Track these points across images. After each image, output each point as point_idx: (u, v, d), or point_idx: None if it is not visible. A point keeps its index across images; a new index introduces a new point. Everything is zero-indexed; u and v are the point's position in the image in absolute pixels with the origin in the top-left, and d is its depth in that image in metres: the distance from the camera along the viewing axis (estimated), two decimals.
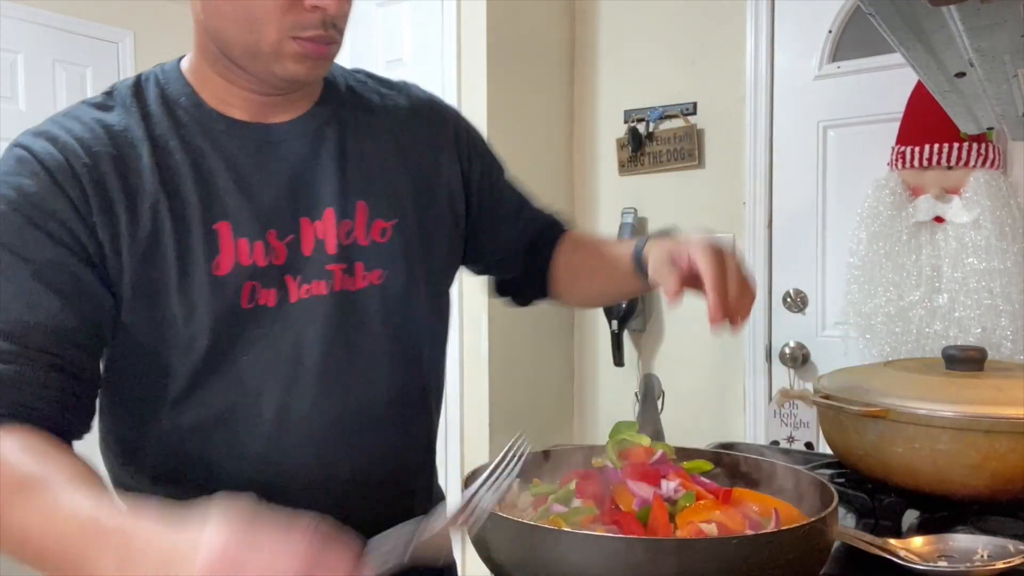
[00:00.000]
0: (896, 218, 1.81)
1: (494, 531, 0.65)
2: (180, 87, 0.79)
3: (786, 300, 2.19)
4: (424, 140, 0.90)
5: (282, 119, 0.80)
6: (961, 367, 0.99)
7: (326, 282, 0.78)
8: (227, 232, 0.74)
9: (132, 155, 0.74)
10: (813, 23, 2.12)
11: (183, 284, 0.72)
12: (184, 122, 0.77)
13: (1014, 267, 1.67)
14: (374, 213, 0.82)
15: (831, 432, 1.03)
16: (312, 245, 0.78)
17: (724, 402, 2.27)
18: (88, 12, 3.34)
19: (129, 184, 0.72)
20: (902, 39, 0.81)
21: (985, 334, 1.67)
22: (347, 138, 0.83)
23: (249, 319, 0.75)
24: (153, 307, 0.72)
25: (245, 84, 0.78)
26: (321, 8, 0.71)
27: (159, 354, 0.73)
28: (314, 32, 0.72)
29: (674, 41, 2.32)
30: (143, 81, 0.80)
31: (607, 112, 2.47)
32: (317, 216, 0.78)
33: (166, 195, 0.73)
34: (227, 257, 0.74)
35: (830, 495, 0.69)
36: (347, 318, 0.79)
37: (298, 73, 0.74)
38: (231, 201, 0.75)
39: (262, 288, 0.75)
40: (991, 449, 0.86)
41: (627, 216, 2.36)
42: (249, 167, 0.77)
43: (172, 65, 0.82)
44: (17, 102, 3.13)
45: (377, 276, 0.81)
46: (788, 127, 2.17)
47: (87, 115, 0.75)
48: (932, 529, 0.85)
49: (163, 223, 0.72)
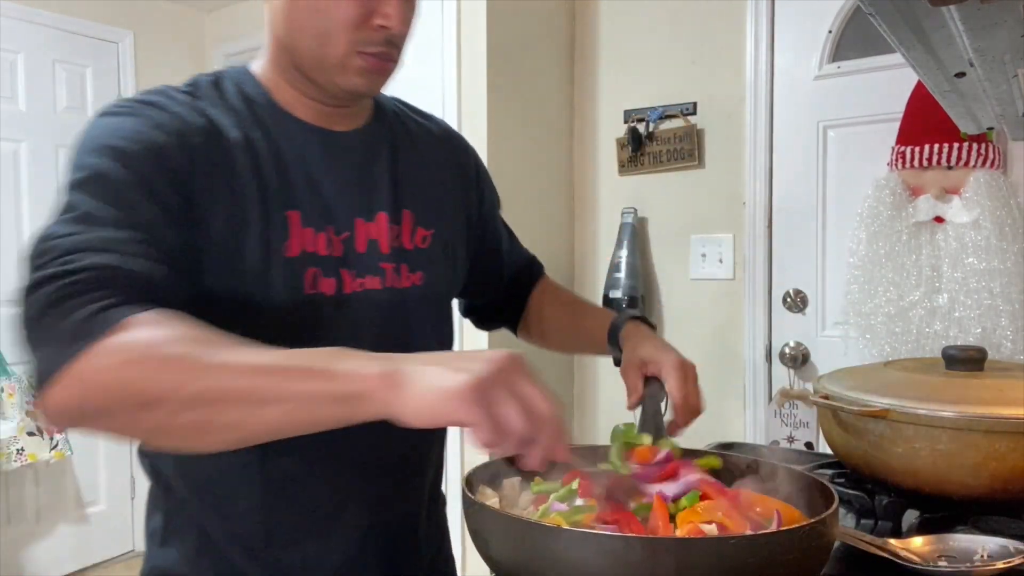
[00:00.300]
0: (896, 218, 1.81)
1: (494, 528, 0.65)
2: (255, 87, 0.86)
3: (786, 300, 2.19)
4: (451, 166, 1.01)
5: (344, 129, 0.89)
6: (961, 367, 0.99)
7: (380, 278, 0.87)
8: (296, 220, 0.81)
9: (225, 137, 0.80)
10: (813, 23, 2.12)
11: (263, 261, 0.79)
12: (263, 119, 0.84)
13: (1014, 267, 1.67)
14: (417, 221, 0.92)
15: (831, 432, 1.03)
16: (366, 244, 0.86)
17: (724, 402, 2.27)
18: (88, 12, 3.34)
19: (225, 161, 0.79)
20: (902, 39, 0.81)
21: (985, 334, 1.67)
22: (397, 154, 0.93)
23: (311, 305, 0.81)
24: (233, 277, 0.78)
25: (311, 93, 0.85)
26: (386, 27, 0.79)
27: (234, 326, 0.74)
28: (377, 48, 0.80)
29: (674, 41, 2.33)
30: (220, 78, 0.87)
31: (607, 112, 2.47)
32: (370, 218, 0.87)
33: (255, 181, 0.80)
34: (295, 241, 0.81)
35: (831, 496, 0.69)
36: (395, 313, 0.88)
37: (359, 86, 0.82)
38: (301, 193, 0.82)
39: (323, 276, 0.82)
40: (991, 449, 0.86)
41: (627, 216, 2.36)
42: (316, 165, 0.85)
43: (242, 68, 0.89)
44: (17, 102, 3.13)
45: (419, 278, 0.91)
46: (788, 127, 2.17)
47: (181, 97, 0.81)
48: (932, 529, 0.85)
49: (251, 202, 0.79)
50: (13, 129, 3.11)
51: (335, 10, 0.78)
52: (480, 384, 0.56)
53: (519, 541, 0.63)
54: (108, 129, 0.75)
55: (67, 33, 3.27)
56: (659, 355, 0.95)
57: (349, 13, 0.78)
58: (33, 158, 3.17)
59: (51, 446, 3.00)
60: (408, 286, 0.89)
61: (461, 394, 0.55)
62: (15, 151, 3.13)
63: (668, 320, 2.37)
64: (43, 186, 3.21)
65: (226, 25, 3.73)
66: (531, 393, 0.58)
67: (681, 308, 2.35)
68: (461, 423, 0.56)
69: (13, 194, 3.13)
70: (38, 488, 3.18)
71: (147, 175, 0.72)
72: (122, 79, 3.45)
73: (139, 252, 0.67)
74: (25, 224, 3.15)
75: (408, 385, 0.57)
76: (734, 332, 2.26)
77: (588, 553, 0.59)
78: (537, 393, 0.58)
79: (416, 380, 0.57)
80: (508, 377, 0.58)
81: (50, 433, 3.01)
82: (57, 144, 3.25)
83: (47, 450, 2.99)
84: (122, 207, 0.69)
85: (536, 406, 0.58)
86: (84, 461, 3.33)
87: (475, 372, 0.56)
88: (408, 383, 0.57)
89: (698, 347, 2.31)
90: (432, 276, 0.92)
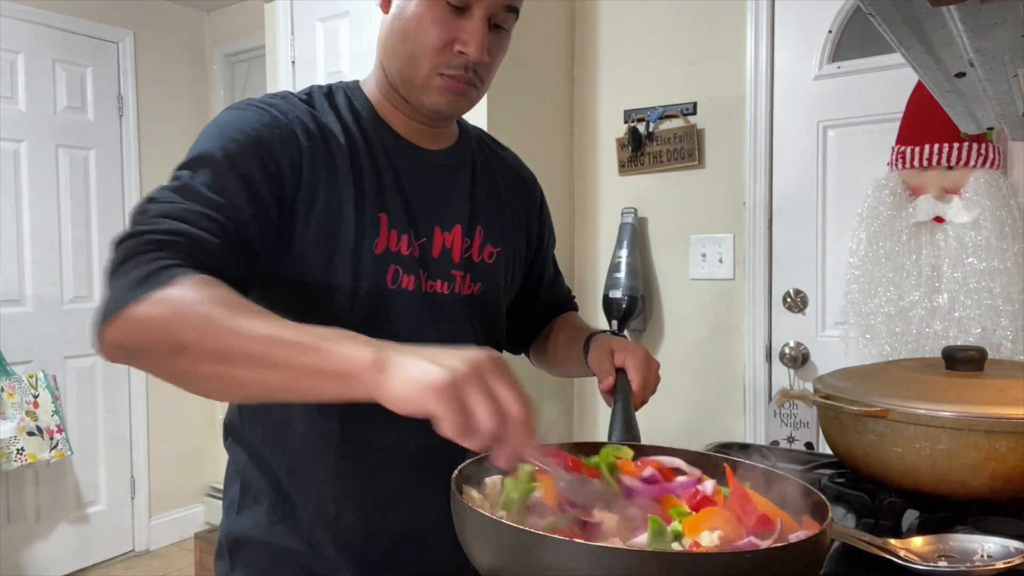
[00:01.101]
0: (896, 218, 1.81)
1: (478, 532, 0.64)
2: (363, 101, 0.97)
3: (786, 300, 2.19)
4: (521, 196, 1.12)
5: (434, 147, 1.00)
6: (961, 367, 0.99)
7: (449, 283, 0.97)
8: (385, 221, 0.91)
9: (332, 141, 0.91)
10: (813, 23, 2.12)
11: (355, 253, 0.89)
12: (366, 129, 0.95)
13: (1014, 267, 1.67)
14: (487, 239, 1.02)
15: (831, 432, 1.03)
16: (439, 250, 0.97)
17: (724, 402, 2.27)
18: (88, 12, 3.34)
19: (329, 165, 0.89)
20: (902, 39, 0.81)
21: (985, 334, 1.67)
22: (476, 175, 1.04)
23: (392, 298, 0.91)
24: (325, 268, 0.88)
25: (404, 110, 0.96)
26: (464, 53, 0.89)
27: (318, 310, 0.85)
28: (456, 72, 0.90)
29: (674, 41, 2.32)
30: (333, 90, 0.98)
31: (607, 112, 2.47)
32: (447, 229, 0.98)
33: (353, 181, 0.90)
34: (383, 240, 0.91)
35: (824, 509, 0.67)
36: (459, 315, 0.98)
37: (439, 104, 0.92)
38: (391, 199, 0.93)
39: (404, 274, 0.92)
40: (991, 449, 0.86)
41: (627, 216, 2.36)
42: (407, 176, 0.95)
43: (353, 84, 1.00)
44: (17, 102, 3.13)
45: (478, 288, 1.01)
46: (788, 127, 2.17)
47: (299, 103, 0.92)
48: (932, 529, 0.85)
49: (347, 203, 0.89)
50: (13, 129, 3.11)
51: (422, 36, 0.89)
52: (454, 381, 0.60)
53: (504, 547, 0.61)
54: (226, 121, 0.86)
55: (67, 33, 3.27)
56: (627, 346, 1.02)
57: (433, 39, 0.88)
58: (33, 158, 3.17)
59: (51, 446, 3.01)
60: (469, 294, 0.99)
61: (436, 388, 0.60)
62: (15, 151, 3.13)
63: (668, 320, 2.37)
64: (43, 186, 3.21)
65: (226, 25, 3.73)
66: (504, 393, 0.62)
67: (681, 308, 2.35)
68: (433, 415, 0.60)
69: (13, 194, 3.13)
70: (38, 488, 3.18)
71: (246, 165, 0.82)
72: (122, 79, 3.45)
73: (208, 226, 0.77)
74: (25, 224, 3.16)
75: (393, 373, 0.62)
76: (734, 332, 2.26)
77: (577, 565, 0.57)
78: (510, 394, 0.62)
79: (400, 369, 0.62)
80: (484, 376, 0.62)
81: (50, 433, 3.01)
82: (57, 144, 3.25)
83: (47, 450, 2.99)
84: (212, 187, 0.79)
85: (507, 406, 0.61)
86: (84, 461, 3.34)
87: (452, 368, 0.61)
88: (393, 371, 0.62)
89: (698, 347, 2.31)
90: (491, 288, 1.03)
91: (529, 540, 0.59)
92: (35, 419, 2.97)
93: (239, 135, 0.84)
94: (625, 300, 2.28)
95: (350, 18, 2.37)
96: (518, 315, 1.19)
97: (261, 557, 0.94)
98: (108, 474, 3.44)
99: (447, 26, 0.88)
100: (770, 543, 0.62)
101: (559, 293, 1.26)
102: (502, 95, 2.23)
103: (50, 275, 3.24)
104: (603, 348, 1.03)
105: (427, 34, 0.88)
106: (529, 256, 1.15)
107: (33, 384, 3.00)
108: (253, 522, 0.94)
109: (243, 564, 0.95)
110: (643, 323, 2.39)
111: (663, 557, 0.58)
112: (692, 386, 2.30)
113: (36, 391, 3.00)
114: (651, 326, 2.39)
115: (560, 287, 1.27)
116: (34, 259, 3.18)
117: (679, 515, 0.67)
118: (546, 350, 1.20)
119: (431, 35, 0.88)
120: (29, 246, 3.17)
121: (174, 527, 3.65)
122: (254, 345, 0.66)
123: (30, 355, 3.14)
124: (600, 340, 1.06)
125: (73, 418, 3.26)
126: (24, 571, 3.14)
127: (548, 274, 1.23)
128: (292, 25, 2.53)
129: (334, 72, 2.41)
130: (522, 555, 0.59)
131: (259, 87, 3.52)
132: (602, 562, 0.56)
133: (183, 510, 3.73)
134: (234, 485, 0.98)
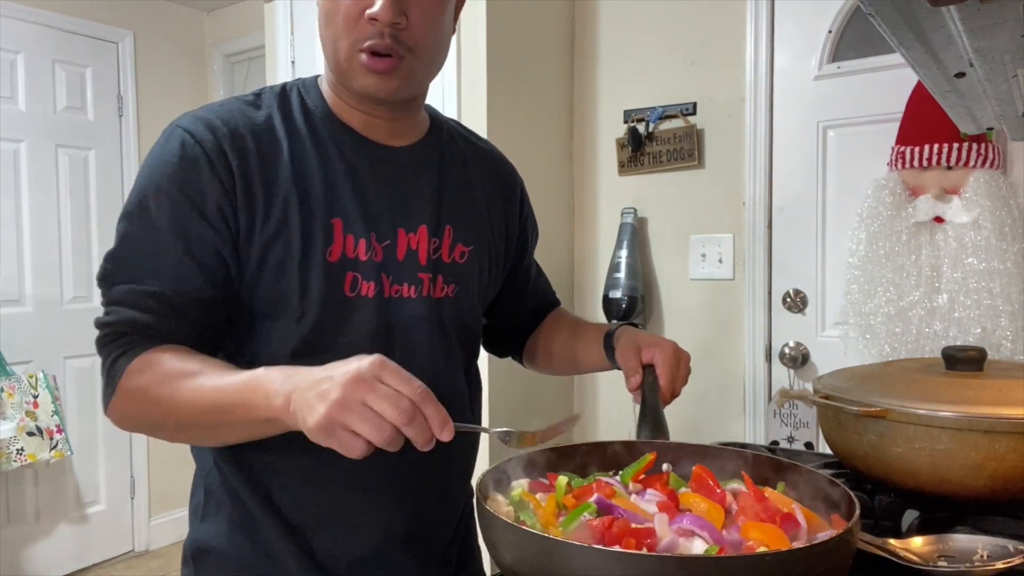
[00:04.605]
0: (896, 218, 1.81)
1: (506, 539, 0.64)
2: (317, 99, 0.92)
3: (786, 300, 2.19)
4: (499, 190, 1.06)
5: (396, 143, 0.94)
6: (961, 367, 0.99)
7: (416, 286, 0.91)
8: (340, 227, 0.86)
9: (274, 151, 0.86)
10: (813, 23, 2.12)
11: (303, 264, 0.84)
12: (318, 129, 0.89)
13: (1014, 267, 1.67)
14: (457, 237, 0.96)
15: (831, 432, 1.03)
16: (405, 252, 0.91)
17: (724, 402, 2.27)
18: (88, 12, 3.34)
19: (268, 176, 0.85)
20: (902, 39, 0.81)
21: (985, 334, 1.67)
22: (444, 171, 0.98)
23: (350, 305, 0.87)
24: (275, 281, 0.84)
25: (354, 104, 0.90)
26: (375, 19, 0.81)
27: (273, 323, 0.86)
28: (371, 42, 0.82)
29: (674, 41, 2.32)
30: (287, 89, 0.93)
31: (607, 112, 2.47)
32: (412, 230, 0.92)
33: (296, 189, 0.85)
34: (338, 247, 0.86)
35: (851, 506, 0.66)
36: (429, 320, 0.92)
37: (368, 86, 0.85)
38: (346, 202, 0.87)
39: (363, 280, 0.87)
40: (991, 449, 0.86)
41: (627, 216, 2.36)
42: (364, 177, 0.90)
43: (311, 80, 0.95)
44: (17, 102, 3.13)
45: (452, 290, 0.95)
46: (788, 127, 2.17)
47: (240, 110, 0.87)
48: (932, 529, 0.85)
49: (292, 212, 0.84)
50: (13, 129, 3.11)
51: (337, 12, 0.83)
52: (330, 419, 0.64)
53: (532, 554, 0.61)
54: (160, 160, 0.84)
55: (67, 33, 3.27)
56: (654, 341, 1.00)
57: (346, 11, 0.82)
58: (33, 158, 3.17)
59: (51, 446, 3.00)
60: (442, 297, 0.94)
61: (315, 433, 0.66)
62: (15, 151, 3.13)
63: (668, 320, 2.37)
64: (43, 186, 3.21)
65: (226, 25, 3.73)
66: (394, 384, 0.65)
67: (681, 308, 2.35)
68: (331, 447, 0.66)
69: (13, 194, 3.13)
70: (38, 488, 3.18)
71: (180, 217, 0.82)
72: (122, 79, 3.45)
73: (151, 307, 0.81)
74: (25, 224, 3.16)
75: (297, 416, 0.68)
76: (734, 332, 2.26)
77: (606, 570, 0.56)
78: (400, 382, 0.65)
79: (298, 411, 0.67)
80: (366, 387, 0.65)
81: (49, 433, 3.01)
82: (57, 144, 3.25)
83: (47, 450, 2.99)
84: (154, 254, 0.82)
85: (401, 399, 0.65)
86: (84, 461, 3.33)
87: (330, 400, 0.65)
88: (297, 412, 0.68)
89: (698, 347, 2.31)
90: (465, 290, 0.97)
91: (551, 546, 0.59)
92: (35, 419, 2.97)
93: (165, 180, 0.83)
94: (625, 300, 2.28)
95: None
96: (503, 317, 1.16)
97: (223, 566, 0.91)
98: (108, 474, 3.44)
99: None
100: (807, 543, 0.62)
101: (544, 291, 1.22)
102: (502, 95, 2.23)
103: (50, 275, 3.24)
104: (630, 345, 1.00)
105: (339, 9, 0.83)
106: (510, 254, 1.10)
107: (33, 384, 3.00)
108: (215, 530, 0.92)
109: (206, 573, 0.92)
110: (643, 323, 2.39)
111: (683, 561, 0.58)
112: (692, 386, 2.28)
113: (36, 391, 3.00)
114: (651, 326, 2.39)
115: (545, 286, 1.23)
116: (34, 259, 3.18)
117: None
118: (547, 349, 1.17)
119: (342, 9, 0.82)
120: (29, 246, 3.17)
121: (174, 527, 3.65)
122: (202, 415, 0.76)
123: (30, 355, 3.14)
124: (626, 336, 1.02)
125: (73, 418, 3.26)
126: (24, 571, 3.14)
127: (533, 272, 1.19)
128: (292, 25, 2.53)
129: None
130: (543, 560, 0.59)
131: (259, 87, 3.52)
132: (622, 566, 0.56)
133: (183, 510, 3.71)
134: (198, 492, 0.96)
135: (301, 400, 0.67)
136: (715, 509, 0.68)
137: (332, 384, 0.65)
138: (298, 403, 0.67)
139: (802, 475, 0.77)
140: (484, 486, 0.74)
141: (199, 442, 0.87)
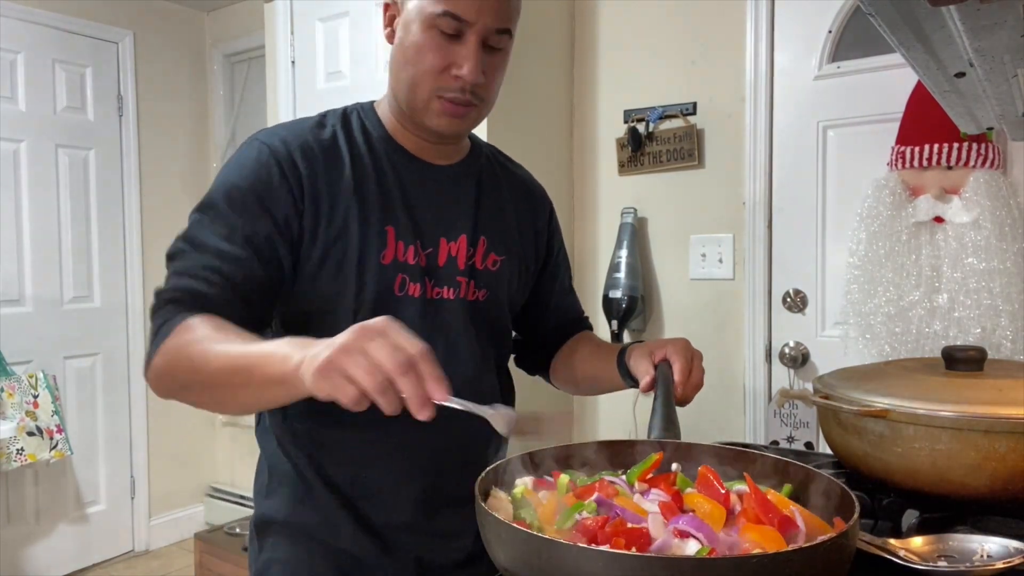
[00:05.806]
0: (896, 218, 1.81)
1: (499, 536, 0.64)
2: (374, 122, 1.05)
3: (786, 300, 2.19)
4: (530, 210, 1.19)
5: (442, 162, 1.07)
6: (961, 367, 0.99)
7: (454, 289, 1.04)
8: (392, 234, 0.99)
9: (338, 165, 0.99)
10: (813, 23, 2.12)
11: (360, 265, 0.97)
12: (376, 148, 1.03)
13: (1014, 267, 1.67)
14: (491, 247, 1.08)
15: (831, 432, 1.03)
16: (446, 259, 1.03)
17: (724, 402, 2.27)
18: (88, 12, 3.34)
19: (332, 186, 0.97)
20: (902, 39, 0.81)
21: (985, 334, 1.67)
22: (482, 189, 1.11)
23: (398, 303, 0.99)
24: (334, 280, 0.96)
25: (412, 129, 1.04)
26: (461, 77, 0.95)
27: (329, 317, 0.96)
28: (453, 95, 0.97)
29: (674, 41, 2.32)
30: (348, 112, 1.06)
31: (607, 112, 2.47)
32: (453, 239, 1.04)
33: (356, 199, 0.98)
34: (390, 252, 0.99)
35: (851, 507, 0.66)
36: (465, 320, 1.05)
37: (440, 126, 1.00)
38: (399, 212, 1.00)
39: (410, 282, 1.00)
40: (991, 449, 0.86)
41: (627, 216, 2.36)
42: (413, 191, 1.03)
43: (369, 105, 1.08)
44: (17, 102, 3.13)
45: (484, 294, 1.07)
46: (788, 127, 2.17)
47: (309, 129, 1.01)
48: (932, 529, 0.85)
49: (352, 219, 0.97)
50: (13, 129, 3.11)
51: (421, 62, 0.95)
52: (329, 361, 0.68)
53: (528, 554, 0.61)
54: (238, 164, 0.96)
55: (67, 33, 3.27)
56: (665, 341, 1.06)
57: (431, 64, 0.95)
58: (33, 158, 3.17)
59: (51, 446, 3.01)
60: (474, 299, 1.06)
61: (315, 378, 0.69)
62: (15, 151, 3.13)
63: (668, 320, 2.37)
64: (43, 186, 3.21)
65: (226, 25, 3.73)
66: (395, 339, 0.68)
67: (681, 308, 2.35)
68: (327, 396, 0.68)
69: (13, 194, 3.13)
70: (38, 488, 3.18)
71: (247, 210, 0.92)
72: (122, 79, 3.45)
73: (212, 278, 0.90)
74: (25, 224, 3.16)
75: (303, 369, 0.71)
76: (734, 332, 2.26)
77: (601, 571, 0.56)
78: (401, 340, 0.68)
79: (305, 365, 0.70)
80: (368, 337, 0.68)
81: (49, 434, 3.01)
82: (57, 144, 3.25)
83: (47, 450, 2.99)
84: (219, 238, 0.91)
85: (400, 351, 0.67)
86: (84, 461, 3.34)
87: (334, 346, 0.68)
88: (302, 368, 0.71)
89: (698, 347, 2.30)
90: (495, 294, 1.09)
91: (539, 544, 0.59)
92: (35, 419, 2.97)
93: (241, 180, 0.94)
94: (625, 300, 2.28)
95: (350, 18, 2.36)
96: (530, 329, 1.24)
97: (287, 534, 1.03)
98: (108, 474, 3.44)
99: (443, 52, 0.95)
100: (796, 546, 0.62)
101: (570, 308, 1.29)
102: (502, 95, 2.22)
103: (50, 275, 3.24)
104: (641, 351, 1.05)
105: (425, 60, 0.95)
106: (538, 266, 1.20)
107: (33, 384, 3.00)
108: (279, 504, 1.04)
109: (269, 544, 1.04)
110: (643, 323, 2.39)
111: (667, 562, 0.58)
112: None
113: (36, 391, 3.00)
114: (651, 326, 2.39)
115: (573, 304, 1.30)
116: (34, 259, 3.18)
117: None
118: (569, 367, 1.22)
119: (428, 61, 0.95)
120: (29, 246, 3.17)
121: (174, 527, 3.65)
122: (222, 374, 0.80)
123: (30, 355, 3.14)
124: (638, 347, 1.08)
125: (73, 418, 3.26)
126: (24, 571, 3.14)
127: (560, 286, 1.26)
128: (292, 25, 2.53)
129: (334, 72, 2.40)
130: (536, 559, 0.59)
131: (259, 87, 3.52)
132: (613, 566, 0.56)
133: (183, 510, 3.73)
134: (263, 472, 1.07)
135: (311, 355, 0.70)
136: (717, 510, 0.68)
137: (340, 337, 0.69)
138: (308, 360, 0.70)
139: (810, 477, 0.77)
140: (486, 482, 0.74)
141: (222, 406, 0.91)
